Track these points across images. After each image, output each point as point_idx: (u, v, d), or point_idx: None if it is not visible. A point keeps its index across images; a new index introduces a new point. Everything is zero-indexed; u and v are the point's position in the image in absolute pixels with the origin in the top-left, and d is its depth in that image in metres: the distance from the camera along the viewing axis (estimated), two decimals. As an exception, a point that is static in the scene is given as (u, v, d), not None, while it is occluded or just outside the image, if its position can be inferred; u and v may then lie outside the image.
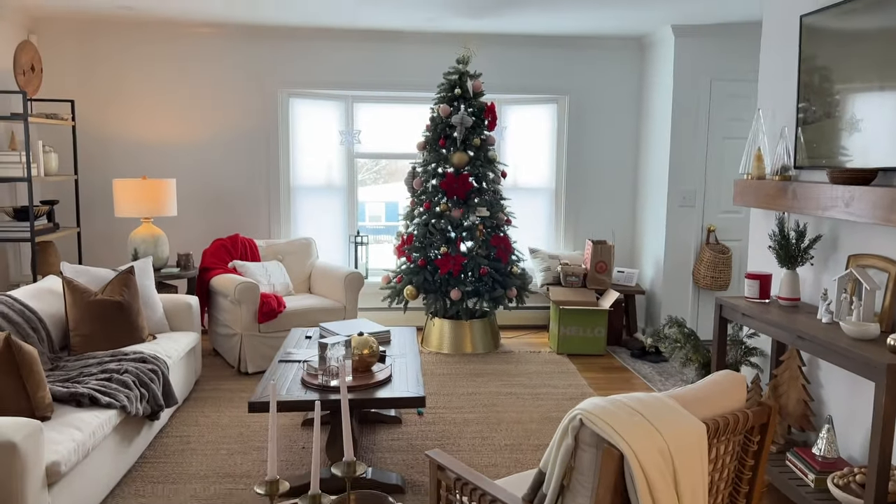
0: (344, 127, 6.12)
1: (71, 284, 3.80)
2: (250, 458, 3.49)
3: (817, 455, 2.89)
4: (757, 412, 1.82)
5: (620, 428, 1.56)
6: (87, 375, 3.31)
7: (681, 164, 5.56)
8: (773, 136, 3.64)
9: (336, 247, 6.24)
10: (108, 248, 5.81)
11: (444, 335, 5.40)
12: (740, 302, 3.33)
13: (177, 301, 4.42)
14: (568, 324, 5.38)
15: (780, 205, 3.26)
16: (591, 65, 6.08)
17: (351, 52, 5.88)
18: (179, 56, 5.72)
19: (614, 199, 6.27)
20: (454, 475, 2.00)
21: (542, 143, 6.27)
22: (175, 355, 3.89)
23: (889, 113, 2.73)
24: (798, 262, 3.19)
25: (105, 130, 5.70)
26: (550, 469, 1.70)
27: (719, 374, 1.91)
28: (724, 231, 5.67)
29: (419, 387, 3.08)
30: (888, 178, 2.79)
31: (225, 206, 5.91)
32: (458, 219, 5.23)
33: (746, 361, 3.74)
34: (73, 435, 2.69)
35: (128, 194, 5.03)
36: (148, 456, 3.47)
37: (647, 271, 6.02)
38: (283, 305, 4.83)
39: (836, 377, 3.14)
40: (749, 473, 1.87)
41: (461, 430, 3.86)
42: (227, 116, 5.82)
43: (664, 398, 1.72)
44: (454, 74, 5.30)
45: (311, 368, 3.15)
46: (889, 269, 2.76)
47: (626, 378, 4.89)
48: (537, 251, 6.05)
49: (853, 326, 2.61)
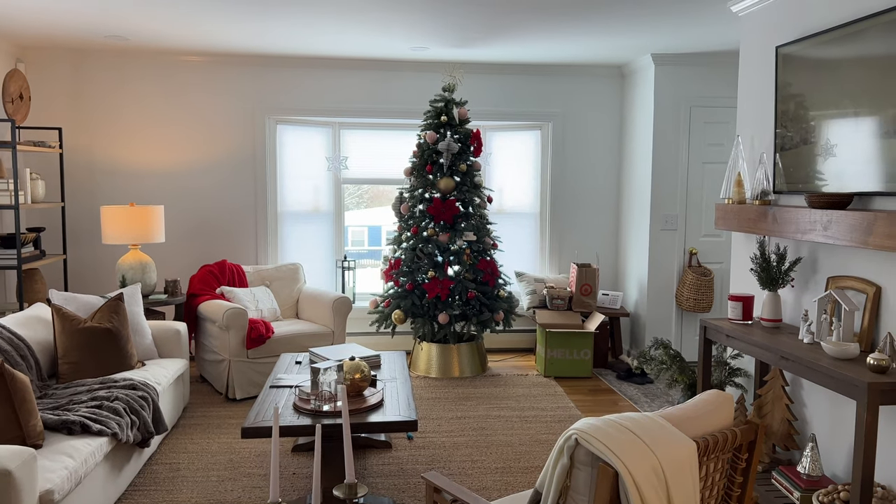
0: (331, 153, 6.18)
1: (60, 312, 3.79)
2: (241, 484, 3.48)
3: (802, 473, 2.95)
4: (745, 430, 1.87)
5: (615, 446, 1.61)
6: (77, 403, 3.30)
7: (662, 189, 5.68)
8: (752, 162, 3.76)
9: (323, 272, 6.27)
10: (94, 275, 5.79)
11: (431, 359, 5.43)
12: (724, 324, 3.41)
13: (165, 328, 4.42)
14: (554, 346, 5.43)
15: (761, 228, 3.35)
16: (574, 92, 6.21)
17: (338, 79, 5.96)
18: (167, 83, 5.77)
19: (598, 222, 6.37)
20: (451, 497, 2.04)
21: (527, 169, 6.37)
22: (164, 382, 3.88)
23: (862, 138, 2.85)
24: (779, 284, 3.28)
25: (92, 157, 5.72)
26: (546, 488, 1.74)
27: (707, 393, 1.97)
28: (706, 254, 5.78)
29: (411, 411, 3.11)
30: (864, 202, 2.89)
31: (212, 233, 5.93)
32: (446, 243, 5.29)
33: (731, 382, 3.81)
34: (65, 463, 2.69)
35: (115, 221, 5.04)
36: (138, 484, 3.46)
37: (631, 294, 6.11)
38: (271, 331, 4.84)
39: (819, 396, 3.21)
40: (738, 491, 1.92)
41: (451, 454, 3.88)
42: (214, 143, 5.87)
43: (656, 417, 1.77)
44: (440, 102, 5.39)
45: (304, 393, 3.17)
46: (867, 290, 2.85)
47: (613, 400, 4.94)
48: (523, 274, 6.11)
49: (834, 346, 2.69)
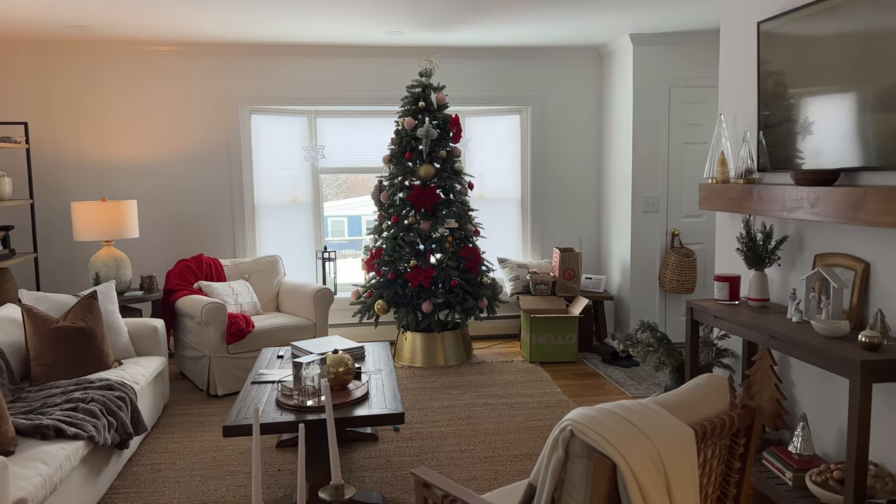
0: (307, 142, 6.06)
1: (31, 312, 3.67)
2: (225, 483, 3.40)
3: (794, 453, 2.93)
4: (742, 415, 1.83)
5: (611, 437, 1.55)
6: (52, 406, 3.19)
7: (643, 171, 5.64)
8: (735, 140, 3.71)
9: (303, 263, 6.17)
10: (67, 273, 5.64)
11: (416, 349, 5.36)
12: (711, 304, 3.37)
13: (142, 325, 4.30)
14: (539, 332, 5.39)
15: (746, 207, 3.31)
16: (552, 75, 6.14)
17: (312, 67, 5.83)
18: (136, 75, 5.60)
19: (579, 206, 6.33)
20: (441, 492, 1.97)
21: (507, 154, 6.30)
22: (143, 381, 3.78)
23: (845, 115, 2.81)
24: (766, 263, 3.25)
25: (61, 152, 5.55)
26: (541, 482, 1.68)
27: (702, 377, 1.92)
28: (688, 235, 5.76)
29: (397, 403, 3.04)
30: (850, 178, 2.86)
31: (188, 227, 5.80)
32: (427, 231, 5.21)
33: (718, 363, 3.78)
34: (39, 469, 2.59)
35: (87, 217, 4.89)
36: (118, 486, 3.36)
37: (614, 277, 6.08)
38: (251, 325, 4.74)
39: (808, 375, 3.19)
40: (736, 476, 1.87)
41: (439, 445, 3.83)
42: (186, 135, 5.72)
43: (651, 405, 1.72)
44: (418, 87, 5.29)
45: (286, 389, 3.09)
46: (855, 267, 2.83)
47: (599, 384, 4.92)
48: (506, 261, 6.06)
49: (824, 324, 2.66)
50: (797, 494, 2.77)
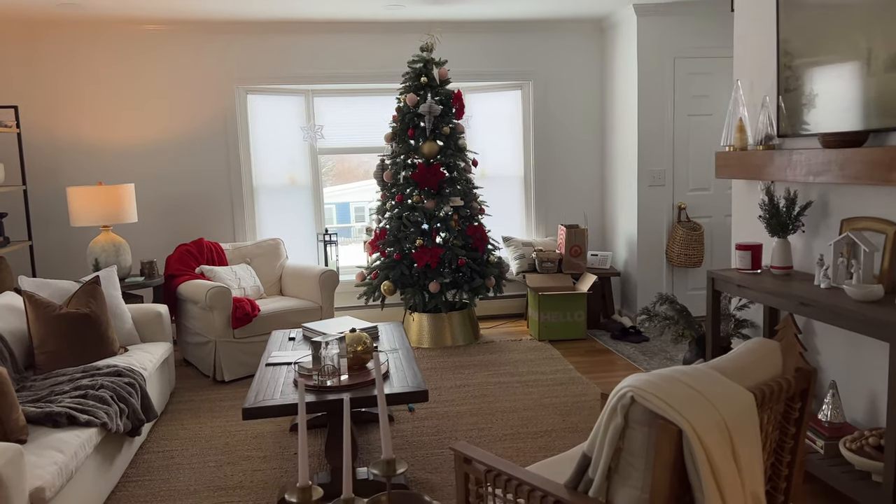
0: (305, 123, 5.93)
1: (32, 299, 3.55)
2: (240, 468, 3.32)
3: (824, 421, 2.88)
4: (798, 378, 1.76)
5: (675, 403, 1.48)
6: (60, 394, 3.09)
7: (649, 144, 5.56)
8: (752, 107, 3.64)
9: (304, 246, 6.06)
10: (64, 260, 5.51)
11: (423, 329, 5.28)
12: (733, 274, 3.31)
13: (146, 310, 4.20)
14: (548, 310, 5.32)
15: (768, 174, 3.24)
16: (554, 49, 6.03)
17: (309, 44, 5.70)
18: (129, 55, 5.45)
19: (584, 182, 6.25)
20: (484, 467, 1.90)
21: (509, 131, 6.20)
22: (150, 367, 3.68)
23: (869, 76, 2.73)
24: (789, 230, 3.19)
25: (54, 136, 5.40)
26: (598, 452, 1.61)
27: (752, 342, 1.85)
28: (694, 208, 5.69)
29: (419, 381, 2.96)
30: (880, 140, 2.79)
31: (187, 210, 5.67)
32: (432, 210, 5.12)
33: (738, 334, 3.73)
34: (54, 457, 2.49)
35: (84, 202, 4.76)
36: (131, 475, 3.27)
37: (620, 253, 6.01)
38: (257, 309, 4.64)
39: (834, 342, 3.14)
40: (791, 442, 1.81)
41: (455, 424, 3.76)
42: (182, 116, 5.58)
43: (709, 370, 1.65)
44: (419, 63, 5.17)
45: (304, 369, 3.01)
46: (886, 231, 2.77)
47: (611, 360, 4.86)
48: (511, 239, 5.98)
49: (857, 289, 2.60)
50: (831, 462, 2.72)
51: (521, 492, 1.79)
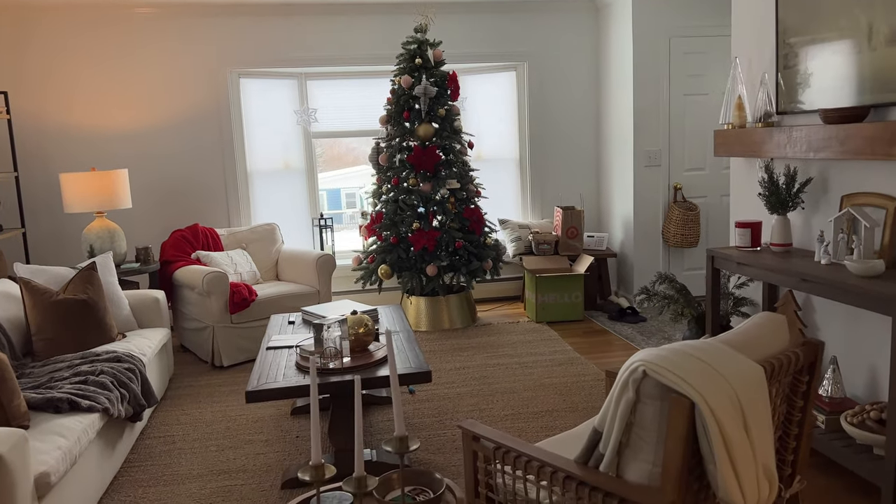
0: (298, 106, 5.88)
1: (29, 285, 3.52)
2: (243, 452, 3.31)
3: (824, 396, 2.90)
4: (806, 351, 1.77)
5: (688, 376, 1.48)
6: (60, 380, 3.07)
7: (644, 124, 5.55)
8: (751, 84, 3.63)
9: (299, 231, 6.03)
10: (58, 247, 5.46)
11: (420, 312, 5.28)
12: (733, 251, 3.32)
13: (143, 296, 4.17)
14: (545, 291, 5.33)
15: (768, 151, 3.24)
16: (548, 29, 6.00)
17: (301, 27, 5.64)
18: (120, 39, 5.38)
19: (579, 164, 6.23)
20: (493, 444, 1.90)
21: (504, 113, 6.17)
22: (149, 352, 3.66)
23: (871, 50, 2.73)
24: (789, 207, 3.19)
25: (44, 122, 5.33)
26: (608, 426, 1.61)
27: (759, 316, 1.86)
28: (690, 188, 5.69)
29: (421, 362, 2.96)
30: (880, 115, 2.79)
31: (181, 196, 5.63)
32: (429, 193, 5.10)
33: (736, 312, 3.74)
34: (57, 443, 2.48)
35: (77, 188, 4.72)
36: (133, 460, 3.26)
37: (616, 234, 6.02)
38: (254, 294, 4.62)
39: (834, 318, 3.16)
40: (799, 415, 1.82)
41: (456, 405, 3.76)
42: (175, 101, 5.52)
43: (719, 344, 1.65)
44: (413, 44, 5.13)
45: (306, 352, 3.00)
46: (887, 206, 2.77)
47: (609, 340, 4.88)
48: (507, 221, 5.97)
49: (859, 264, 2.60)
50: (832, 436, 2.74)
51: (531, 468, 1.79)
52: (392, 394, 1.48)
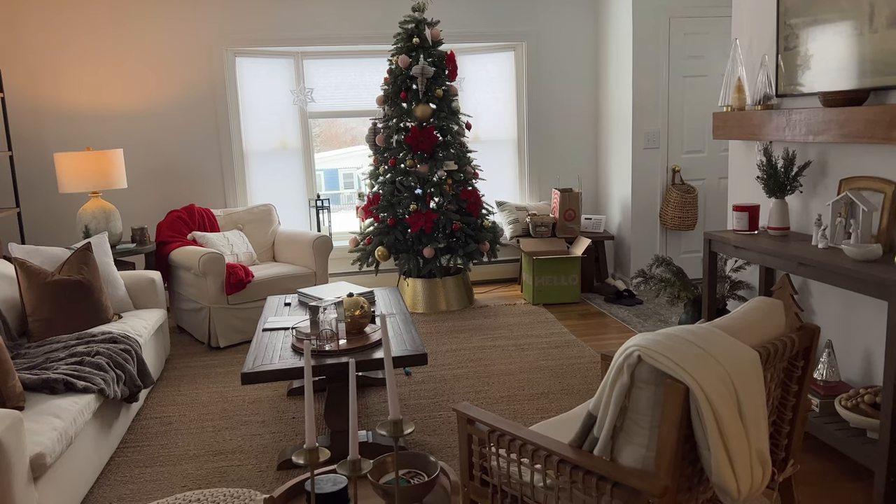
0: (295, 86, 5.83)
1: (24, 266, 3.51)
2: (239, 433, 3.32)
3: (819, 380, 2.91)
4: (802, 336, 1.76)
5: (683, 361, 1.48)
6: (55, 361, 3.07)
7: (644, 106, 5.51)
8: (751, 66, 3.60)
9: (295, 212, 6.01)
10: (52, 227, 5.44)
11: (417, 294, 5.28)
12: (730, 235, 3.31)
13: (139, 277, 4.16)
14: (542, 274, 5.33)
15: (766, 134, 3.22)
16: (547, 9, 5.94)
17: (297, 5, 5.57)
18: (114, 17, 5.31)
19: (577, 146, 6.20)
20: (487, 427, 1.90)
21: (502, 94, 6.13)
22: (145, 334, 3.66)
23: (874, 31, 2.70)
24: (787, 190, 3.18)
25: (38, 101, 5.29)
26: (603, 411, 1.61)
27: (756, 300, 1.85)
28: (688, 171, 5.67)
29: (417, 343, 2.96)
30: (881, 98, 2.77)
31: (176, 176, 5.60)
32: (426, 174, 5.07)
33: (733, 295, 3.74)
34: (53, 424, 2.48)
35: (72, 168, 4.68)
36: (129, 440, 3.27)
37: (614, 216, 6.01)
38: (251, 275, 4.62)
39: (829, 303, 3.16)
40: (793, 399, 1.82)
41: (452, 387, 3.77)
42: (170, 80, 5.47)
43: (714, 329, 1.64)
44: (411, 23, 5.08)
45: (302, 334, 2.99)
46: (885, 190, 2.76)
47: (605, 323, 4.88)
48: (504, 203, 5.95)
49: (856, 248, 2.60)
50: (826, 420, 2.75)
51: (525, 451, 1.79)
52: (387, 377, 1.48)
